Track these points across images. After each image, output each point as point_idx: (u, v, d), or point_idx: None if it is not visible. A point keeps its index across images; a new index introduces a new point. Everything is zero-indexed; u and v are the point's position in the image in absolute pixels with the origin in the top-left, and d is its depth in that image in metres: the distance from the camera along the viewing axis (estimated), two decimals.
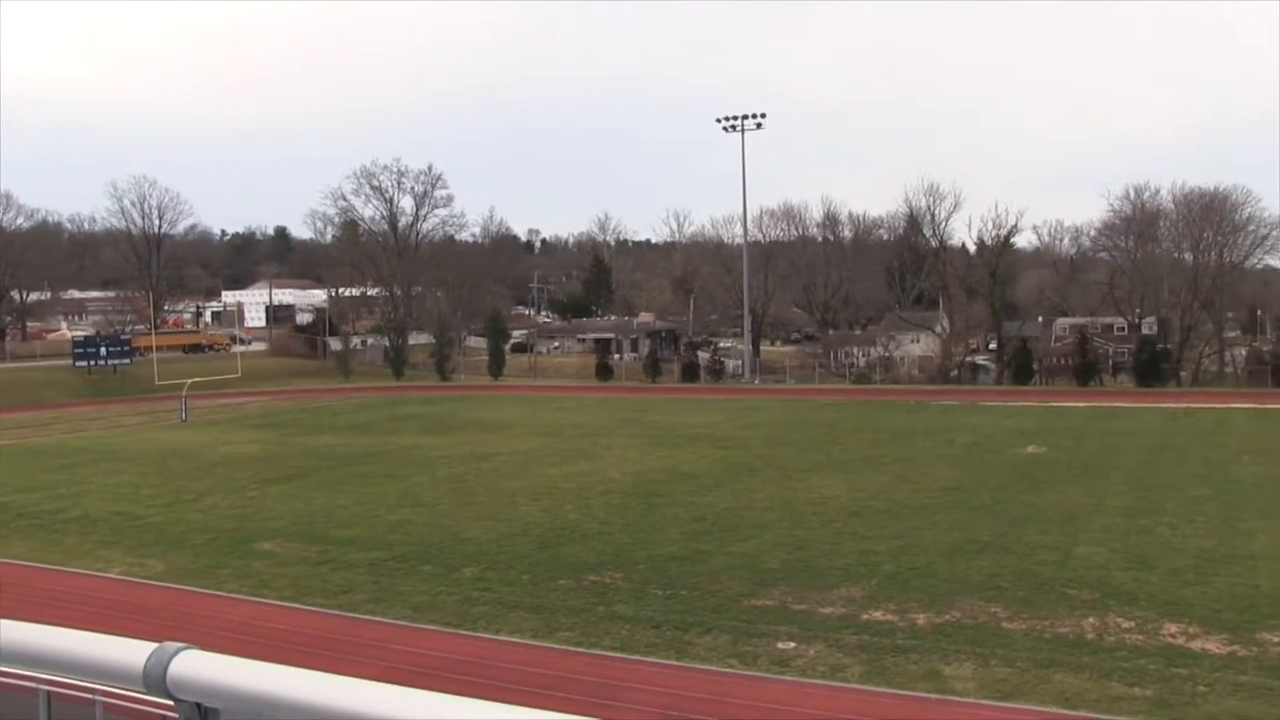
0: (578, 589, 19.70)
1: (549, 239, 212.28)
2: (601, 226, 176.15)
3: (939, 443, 41.68)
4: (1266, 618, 17.26)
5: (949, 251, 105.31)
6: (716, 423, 51.00)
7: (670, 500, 29.06)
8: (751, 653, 15.83)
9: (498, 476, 34.08)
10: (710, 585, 19.70)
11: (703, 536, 24.17)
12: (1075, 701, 13.71)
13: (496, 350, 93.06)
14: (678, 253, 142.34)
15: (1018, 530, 24.33)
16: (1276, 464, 34.78)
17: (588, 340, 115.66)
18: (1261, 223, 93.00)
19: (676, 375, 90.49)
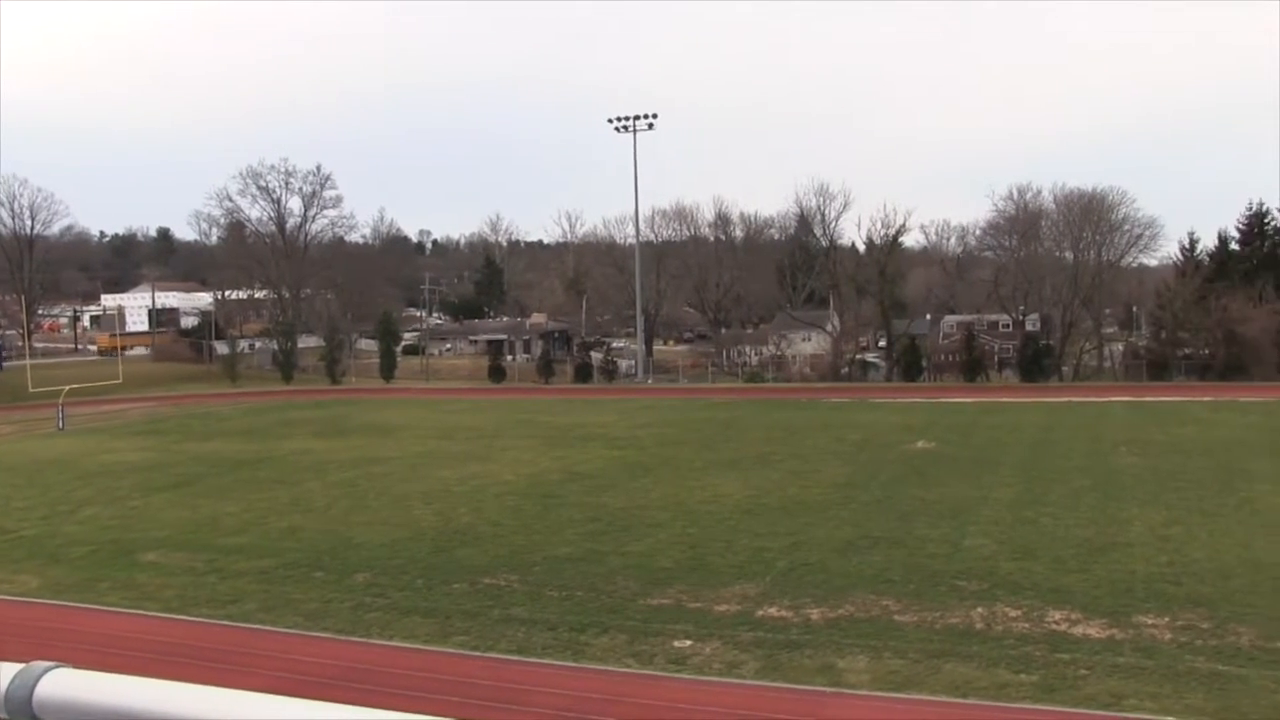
0: (472, 592, 19.50)
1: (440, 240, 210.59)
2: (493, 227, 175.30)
3: (830, 440, 42.25)
4: (1142, 601, 17.87)
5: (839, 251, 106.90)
6: (610, 423, 51.03)
7: (565, 501, 28.98)
8: (648, 652, 15.84)
9: (390, 480, 33.63)
10: (606, 585, 19.68)
11: (598, 537, 24.14)
12: (965, 690, 13.98)
13: (388, 352, 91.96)
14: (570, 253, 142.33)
15: (908, 524, 24.77)
16: (1152, 455, 36.03)
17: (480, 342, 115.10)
18: (1136, 222, 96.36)
19: (570, 376, 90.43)
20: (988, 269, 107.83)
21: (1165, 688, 13.89)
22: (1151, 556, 21.15)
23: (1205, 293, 78.89)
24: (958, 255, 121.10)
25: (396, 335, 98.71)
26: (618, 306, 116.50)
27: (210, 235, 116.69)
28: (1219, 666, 14.66)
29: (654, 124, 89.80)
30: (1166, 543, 22.38)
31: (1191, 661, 14.86)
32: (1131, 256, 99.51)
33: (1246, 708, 13.23)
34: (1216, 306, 77.21)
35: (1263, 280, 79.86)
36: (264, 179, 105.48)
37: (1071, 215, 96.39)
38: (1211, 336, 77.69)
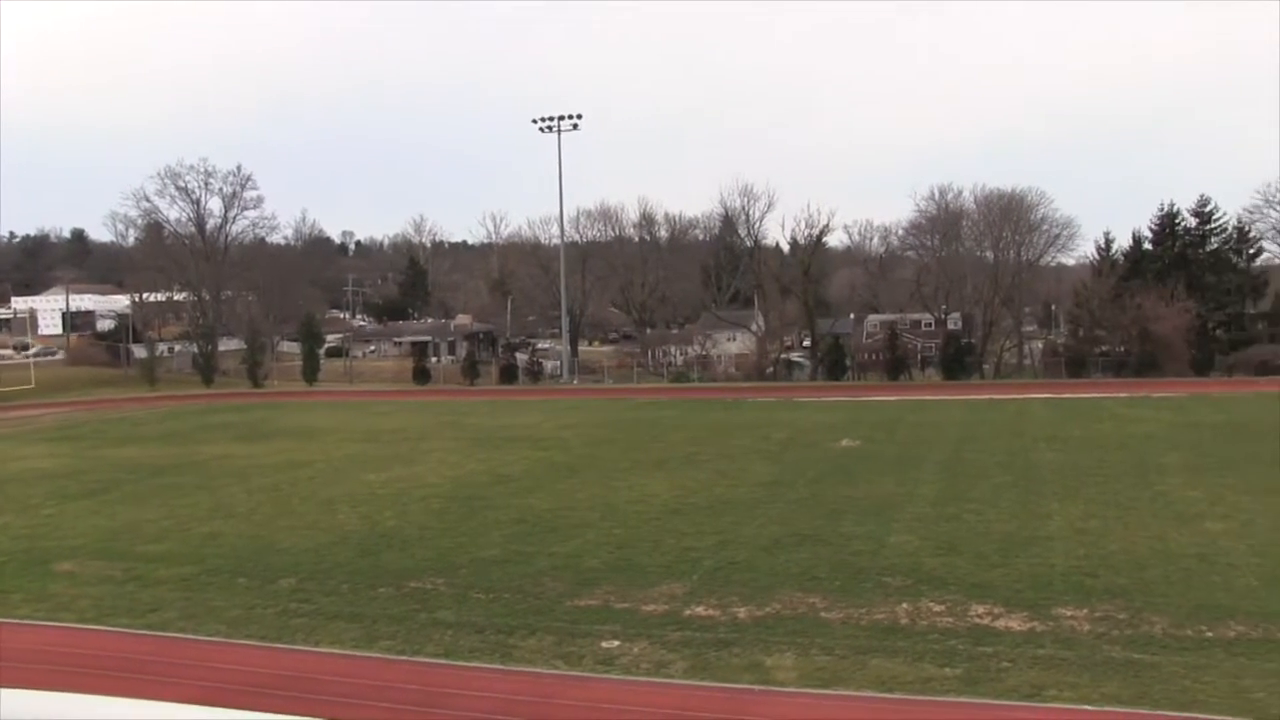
0: (399, 596, 19.32)
1: (364, 241, 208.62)
2: (417, 228, 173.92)
3: (756, 439, 42.53)
4: (1061, 594, 18.22)
5: (763, 251, 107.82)
6: (536, 424, 50.92)
7: (491, 503, 28.83)
8: (576, 653, 15.81)
9: (315, 484, 33.21)
10: (533, 587, 19.61)
11: (524, 538, 24.05)
12: (891, 685, 14.14)
13: (311, 355, 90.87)
14: (495, 254, 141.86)
15: (834, 522, 25.01)
16: (1070, 450, 36.78)
17: (405, 343, 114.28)
18: (1054, 222, 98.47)
19: (495, 377, 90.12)
20: (910, 268, 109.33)
21: (1083, 677, 14.18)
22: (1070, 550, 21.58)
23: (1120, 291, 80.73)
24: (881, 255, 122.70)
25: (320, 337, 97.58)
26: (543, 307, 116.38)
27: (127, 237, 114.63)
28: (1134, 655, 15.01)
29: (578, 124, 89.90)
30: (1084, 536, 22.85)
31: (1108, 651, 15.19)
32: (1050, 256, 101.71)
33: (1159, 694, 13.55)
34: (1131, 305, 79.05)
35: (1174, 279, 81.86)
36: (183, 179, 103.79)
37: (991, 215, 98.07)
38: (1127, 334, 79.53)
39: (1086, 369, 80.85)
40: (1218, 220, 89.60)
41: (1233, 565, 20.04)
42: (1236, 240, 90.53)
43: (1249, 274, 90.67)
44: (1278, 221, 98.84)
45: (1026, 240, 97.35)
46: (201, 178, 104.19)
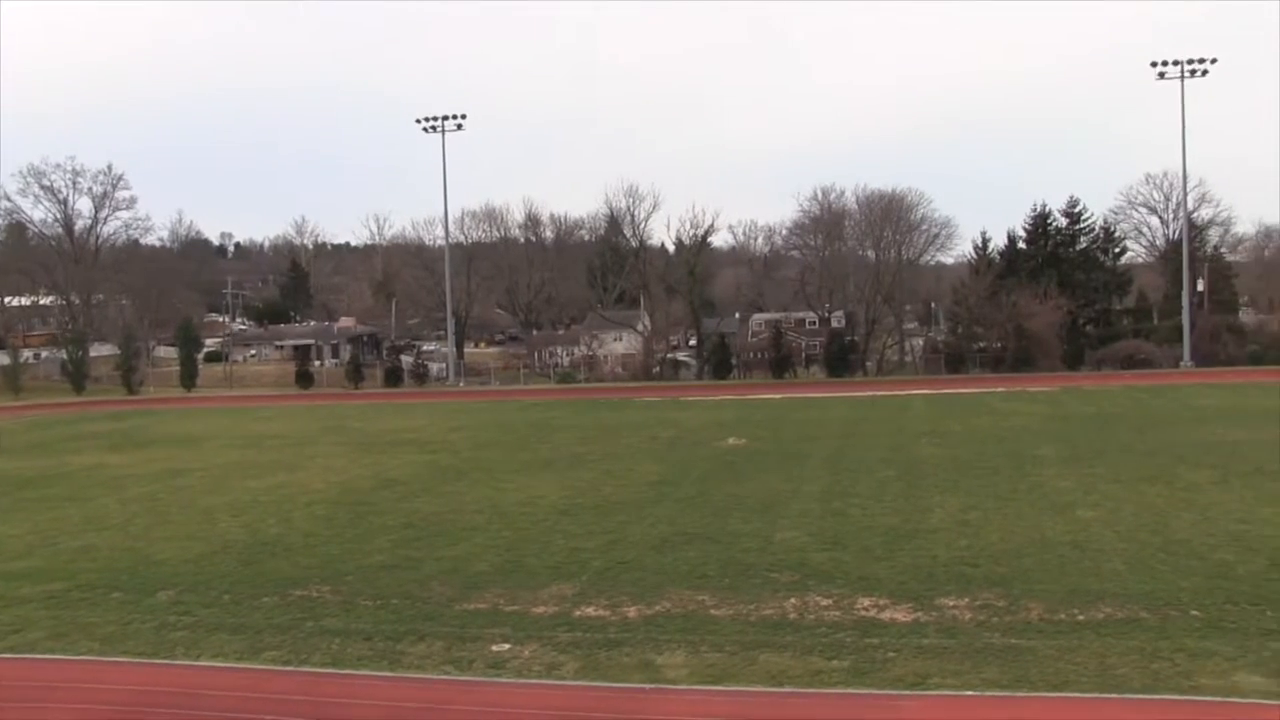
0: (283, 605, 18.91)
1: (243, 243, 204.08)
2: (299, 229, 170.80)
3: (643, 438, 42.72)
4: (943, 584, 18.68)
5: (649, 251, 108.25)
6: (422, 427, 50.42)
7: (378, 508, 28.44)
8: (466, 657, 15.68)
9: (194, 493, 32.34)
10: (422, 592, 19.39)
11: (412, 543, 23.77)
12: (781, 679, 14.32)
13: (189, 360, 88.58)
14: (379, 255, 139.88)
15: (721, 519, 25.23)
16: (951, 444, 37.70)
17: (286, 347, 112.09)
18: (933, 222, 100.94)
19: (380, 380, 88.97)
20: (794, 268, 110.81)
21: (965, 664, 14.54)
22: (952, 541, 22.12)
23: (997, 289, 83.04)
24: (765, 255, 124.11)
25: (198, 342, 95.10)
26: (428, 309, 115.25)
27: None
28: (1012, 641, 15.46)
29: (463, 125, 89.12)
30: (965, 527, 23.44)
31: (989, 638, 15.61)
32: (929, 255, 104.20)
33: (1035, 677, 13.99)
34: (1007, 302, 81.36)
35: (1047, 277, 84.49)
36: (48, 178, 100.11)
37: (873, 215, 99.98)
38: (1003, 331, 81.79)
39: (965, 365, 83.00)
40: (1086, 220, 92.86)
41: (1102, 551, 20.78)
42: (1103, 240, 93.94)
43: (1115, 272, 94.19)
44: (1139, 222, 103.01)
45: (907, 240, 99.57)
46: (69, 177, 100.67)
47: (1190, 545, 21.05)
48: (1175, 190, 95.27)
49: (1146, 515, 24.08)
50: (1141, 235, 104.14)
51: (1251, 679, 13.75)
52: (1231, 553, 20.37)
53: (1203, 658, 14.52)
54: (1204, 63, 79.63)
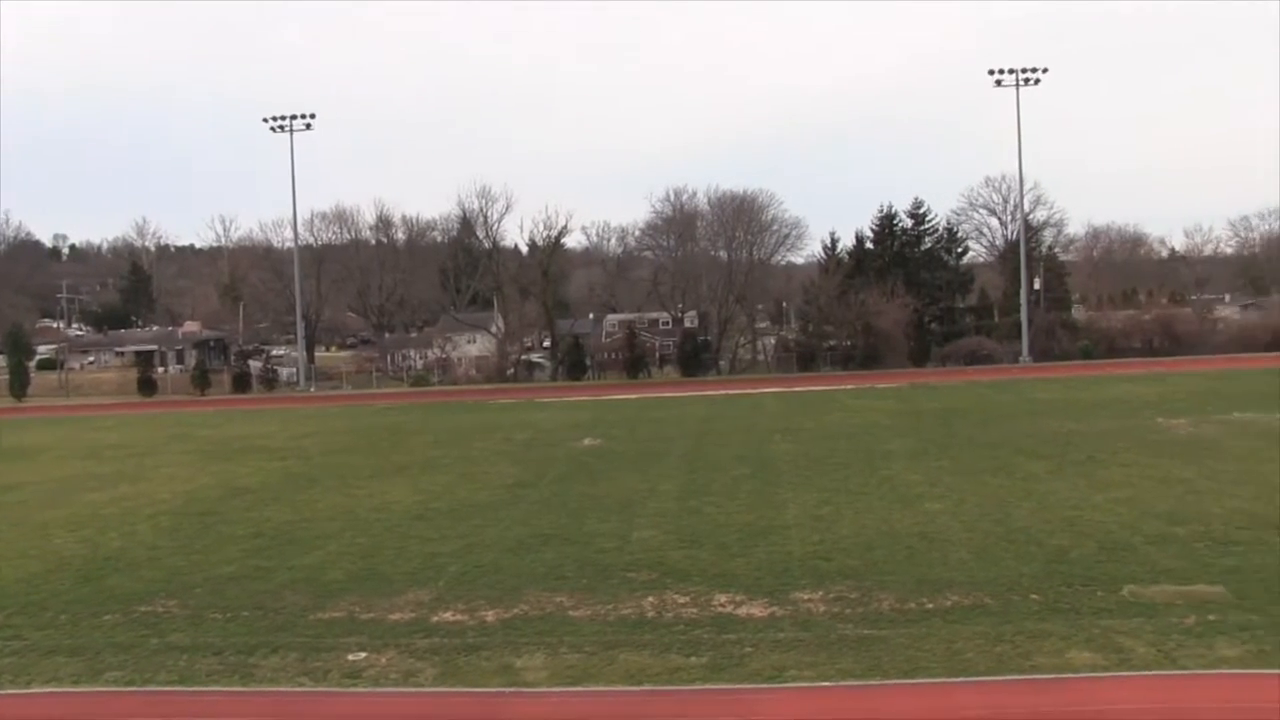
0: (126, 623, 18.17)
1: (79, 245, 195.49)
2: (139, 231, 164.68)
3: (499, 441, 42.49)
4: (798, 579, 19.00)
5: (502, 252, 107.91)
6: (272, 433, 49.22)
7: (227, 518, 27.63)
8: (321, 668, 15.34)
9: (27, 509, 30.84)
10: (274, 603, 18.89)
11: (263, 553, 23.15)
12: (640, 677, 14.38)
13: (19, 368, 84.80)
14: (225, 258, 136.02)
15: (578, 520, 25.24)
16: (803, 441, 38.43)
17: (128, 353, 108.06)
18: (783, 223, 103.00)
19: (227, 386, 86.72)
20: (647, 268, 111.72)
21: (820, 656, 14.83)
22: (806, 536, 22.54)
23: (846, 289, 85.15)
24: (618, 255, 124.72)
25: (29, 349, 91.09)
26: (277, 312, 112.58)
27: None
28: (865, 631, 15.82)
29: (312, 124, 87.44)
30: (819, 522, 23.91)
31: (843, 630, 15.95)
32: (780, 255, 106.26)
33: (887, 665, 14.36)
34: (856, 301, 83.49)
35: (894, 276, 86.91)
36: None
37: (725, 216, 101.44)
38: (852, 329, 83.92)
39: (816, 363, 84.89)
40: (930, 221, 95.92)
41: (948, 541, 21.44)
42: (947, 240, 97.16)
43: (958, 271, 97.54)
44: (980, 223, 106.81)
45: (758, 240, 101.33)
46: None
47: (1029, 532, 21.88)
48: (1013, 193, 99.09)
49: (989, 505, 24.94)
50: (982, 236, 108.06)
51: (1083, 655, 14.40)
52: (1066, 538, 21.24)
53: (1040, 638, 15.12)
54: (1036, 71, 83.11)
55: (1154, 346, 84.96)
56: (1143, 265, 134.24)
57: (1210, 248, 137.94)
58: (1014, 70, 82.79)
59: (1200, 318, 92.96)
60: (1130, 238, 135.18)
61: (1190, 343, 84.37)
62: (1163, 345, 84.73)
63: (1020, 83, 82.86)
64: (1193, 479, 27.33)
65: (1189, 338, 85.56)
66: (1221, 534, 21.12)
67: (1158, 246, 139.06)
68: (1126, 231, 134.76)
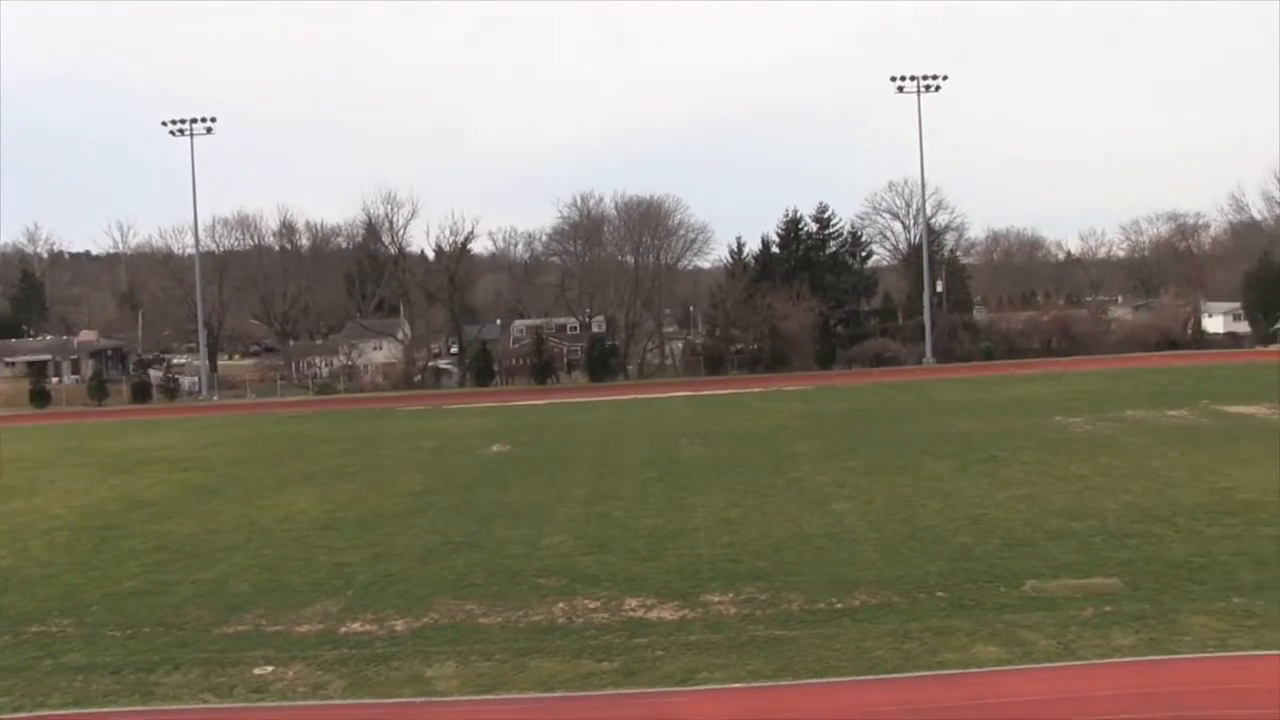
0: (16, 644, 17.54)
1: None
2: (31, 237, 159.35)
3: (406, 448, 42.07)
4: (708, 581, 19.11)
5: (408, 258, 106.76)
6: (174, 444, 48.13)
7: (126, 532, 26.93)
8: (226, 683, 15.02)
9: None
10: (176, 618, 18.44)
11: (165, 567, 22.61)
12: (552, 684, 14.33)
13: None
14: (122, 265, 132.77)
15: (488, 527, 25.08)
16: (711, 445, 38.65)
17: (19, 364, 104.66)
18: (690, 228, 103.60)
19: (126, 396, 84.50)
20: (554, 274, 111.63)
21: (731, 658, 14.92)
22: (715, 539, 22.67)
23: (752, 292, 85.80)
24: (526, 261, 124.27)
25: None
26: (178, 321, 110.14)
27: None
28: (775, 632, 15.97)
29: (213, 128, 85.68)
30: (728, 525, 24.06)
31: (753, 631, 16.07)
32: (687, 260, 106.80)
33: (798, 665, 14.51)
34: (762, 305, 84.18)
35: (799, 280, 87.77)
36: None
37: (631, 221, 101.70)
38: (759, 332, 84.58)
39: (723, 366, 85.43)
40: (835, 226, 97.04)
41: (856, 541, 21.73)
42: (851, 244, 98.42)
43: (862, 274, 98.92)
44: (884, 227, 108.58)
45: (665, 245, 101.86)
46: None
47: (935, 531, 22.27)
48: (915, 197, 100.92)
49: (896, 505, 25.33)
50: (886, 239, 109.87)
51: (988, 649, 14.72)
52: (970, 536, 21.66)
53: (947, 635, 15.41)
54: (937, 79, 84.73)
55: (1052, 347, 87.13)
56: (1041, 268, 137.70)
57: (1104, 251, 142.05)
58: (915, 77, 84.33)
59: (1095, 319, 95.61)
60: (1028, 241, 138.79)
61: (1086, 343, 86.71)
62: (1060, 345, 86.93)
63: (921, 89, 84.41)
64: (1089, 476, 28.07)
65: (1085, 338, 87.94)
66: (1116, 528, 21.75)
67: (1055, 250, 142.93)
68: (1025, 235, 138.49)
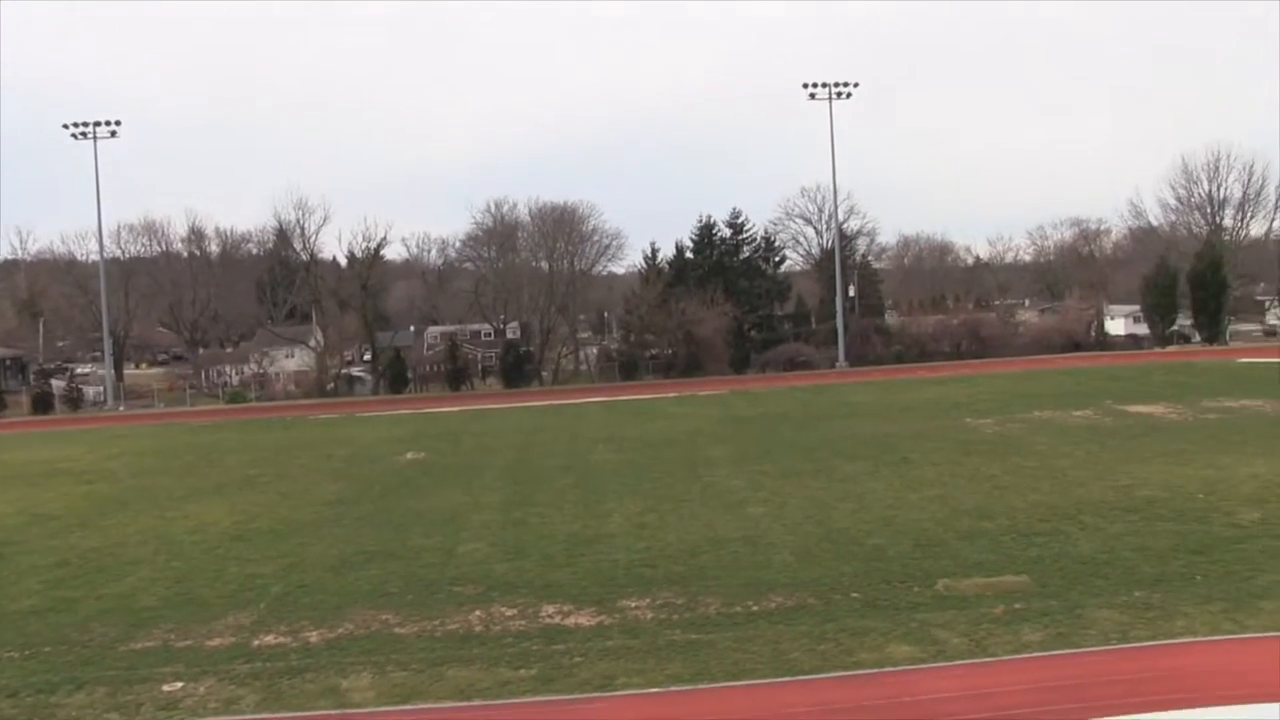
0: None
1: None
2: None
3: (319, 457, 41.52)
4: (624, 587, 19.15)
5: (320, 265, 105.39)
6: (78, 455, 46.91)
7: (26, 547, 26.18)
8: (134, 701, 14.68)
9: None
10: (80, 636, 17.97)
11: (67, 583, 22.03)
12: (469, 693, 14.25)
13: None
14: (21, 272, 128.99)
15: (403, 536, 24.85)
16: (626, 450, 38.69)
17: None
18: (604, 233, 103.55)
19: (26, 407, 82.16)
20: (468, 280, 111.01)
21: (649, 663, 14.96)
22: (631, 544, 22.71)
23: (667, 298, 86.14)
24: (439, 267, 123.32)
25: None
26: (82, 329, 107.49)
27: None
28: (692, 636, 16.05)
29: (117, 131, 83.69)
30: (644, 530, 24.12)
31: (670, 635, 16.13)
32: (601, 265, 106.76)
33: (715, 669, 14.60)
34: (676, 310, 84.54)
35: (713, 285, 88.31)
36: None
37: (545, 227, 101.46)
38: (673, 337, 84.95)
39: (638, 371, 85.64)
40: (749, 231, 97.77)
41: (772, 544, 21.92)
42: (764, 249, 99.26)
43: (776, 279, 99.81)
44: (797, 232, 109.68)
45: (579, 250, 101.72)
46: None
47: (849, 533, 22.55)
48: (827, 203, 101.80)
49: (810, 507, 25.59)
50: (799, 244, 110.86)
51: (902, 649, 14.97)
52: (884, 537, 21.97)
53: (862, 635, 15.63)
54: (848, 86, 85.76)
55: (962, 350, 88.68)
56: (950, 272, 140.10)
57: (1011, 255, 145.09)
58: (826, 84, 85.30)
59: (1003, 322, 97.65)
60: (938, 246, 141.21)
61: (995, 345, 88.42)
62: (970, 348, 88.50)
63: (833, 96, 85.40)
64: (999, 475, 28.64)
65: (993, 341, 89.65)
66: (1025, 526, 22.23)
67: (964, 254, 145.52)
68: (935, 240, 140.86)
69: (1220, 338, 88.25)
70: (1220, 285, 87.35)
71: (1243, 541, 20.07)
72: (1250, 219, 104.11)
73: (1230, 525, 21.47)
